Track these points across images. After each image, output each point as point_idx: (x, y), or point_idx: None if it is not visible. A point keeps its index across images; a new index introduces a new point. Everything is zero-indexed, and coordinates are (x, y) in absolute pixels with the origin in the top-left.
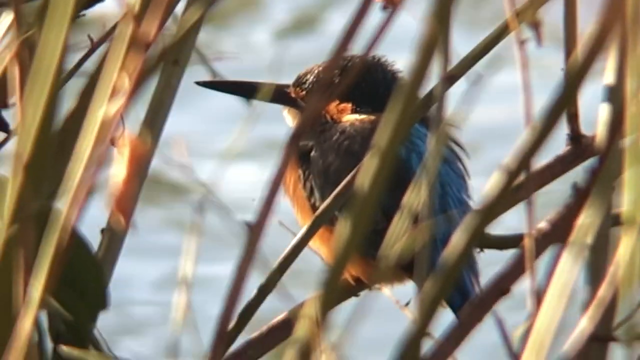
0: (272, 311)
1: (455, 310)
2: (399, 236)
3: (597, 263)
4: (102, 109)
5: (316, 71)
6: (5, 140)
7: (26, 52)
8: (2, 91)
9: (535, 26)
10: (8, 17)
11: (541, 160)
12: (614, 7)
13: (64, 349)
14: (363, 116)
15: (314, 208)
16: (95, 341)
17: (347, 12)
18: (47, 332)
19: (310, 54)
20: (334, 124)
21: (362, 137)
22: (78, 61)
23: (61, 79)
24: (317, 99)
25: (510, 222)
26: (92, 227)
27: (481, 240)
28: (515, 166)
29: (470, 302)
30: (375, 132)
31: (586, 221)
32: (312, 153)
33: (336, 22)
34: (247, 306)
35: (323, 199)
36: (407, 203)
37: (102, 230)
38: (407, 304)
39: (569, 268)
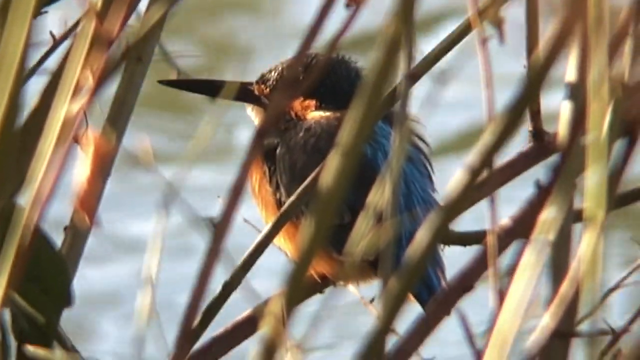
0: (237, 308)
1: (422, 304)
2: (364, 233)
3: (559, 259)
4: (65, 107)
5: (280, 69)
6: None
7: None
8: None
9: (498, 24)
10: None
11: (504, 157)
12: (575, 4)
13: (29, 348)
14: (328, 113)
15: (279, 205)
16: (60, 338)
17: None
18: (10, 330)
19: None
20: (299, 121)
21: (327, 133)
22: (40, 58)
23: (23, 76)
24: (281, 97)
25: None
26: (56, 224)
27: (445, 236)
28: (478, 163)
29: (434, 299)
30: (340, 129)
31: (548, 218)
32: (278, 150)
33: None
34: (212, 303)
35: (289, 195)
36: (372, 201)
37: (65, 228)
38: (371, 301)
39: (531, 264)
